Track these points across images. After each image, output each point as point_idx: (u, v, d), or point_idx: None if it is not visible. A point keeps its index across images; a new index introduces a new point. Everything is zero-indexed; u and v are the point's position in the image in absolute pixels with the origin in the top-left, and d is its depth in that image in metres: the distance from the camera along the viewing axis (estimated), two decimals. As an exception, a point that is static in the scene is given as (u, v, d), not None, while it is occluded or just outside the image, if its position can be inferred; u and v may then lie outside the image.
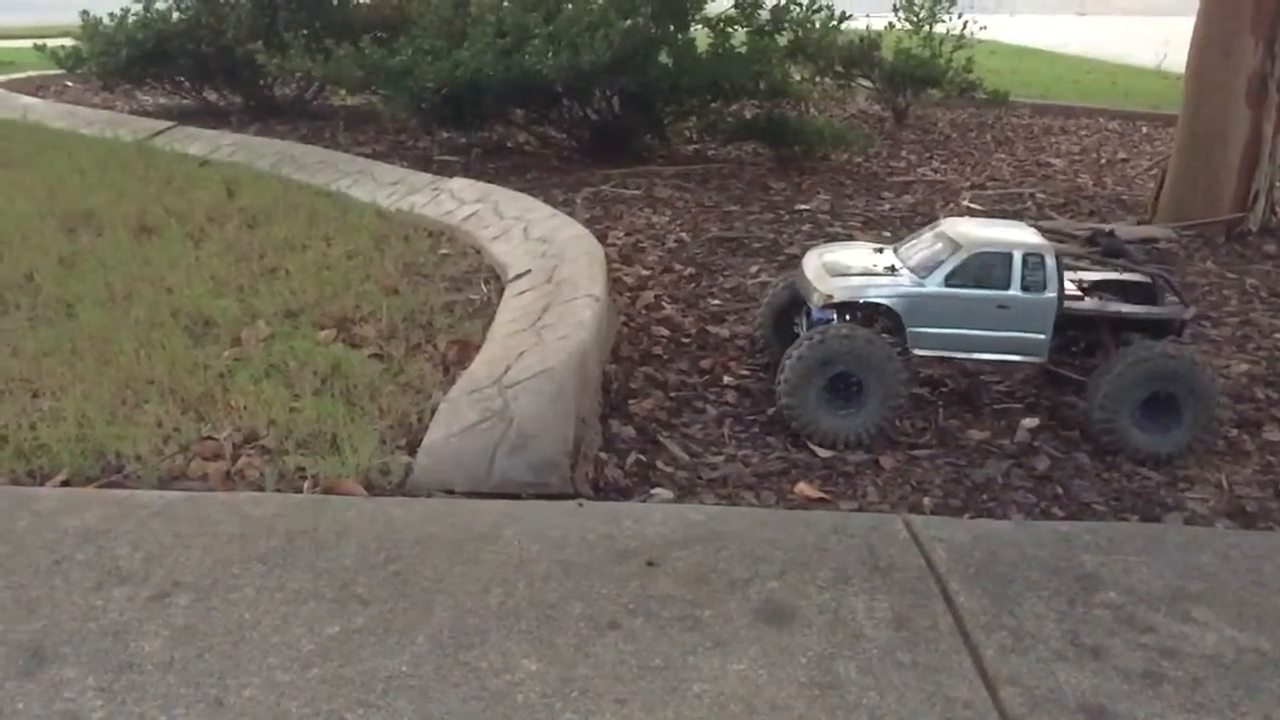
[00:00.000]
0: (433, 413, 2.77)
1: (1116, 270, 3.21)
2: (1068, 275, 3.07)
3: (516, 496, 2.45)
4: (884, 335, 2.93)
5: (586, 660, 1.81)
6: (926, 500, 2.67)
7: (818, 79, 8.00)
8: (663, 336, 3.64)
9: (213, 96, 8.31)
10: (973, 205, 5.79)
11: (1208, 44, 5.22)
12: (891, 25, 9.01)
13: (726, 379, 3.30)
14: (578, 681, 1.76)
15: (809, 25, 6.70)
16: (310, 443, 2.68)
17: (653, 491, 2.63)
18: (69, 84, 9.74)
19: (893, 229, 5.21)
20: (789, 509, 2.57)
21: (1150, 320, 3.01)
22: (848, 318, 2.98)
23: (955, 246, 2.93)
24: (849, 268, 3.05)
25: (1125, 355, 2.89)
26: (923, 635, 1.91)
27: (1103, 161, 7.36)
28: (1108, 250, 3.27)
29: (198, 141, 6.66)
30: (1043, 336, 2.93)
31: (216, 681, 1.73)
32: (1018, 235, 3.00)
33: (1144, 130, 8.79)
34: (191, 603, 1.94)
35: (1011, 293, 2.89)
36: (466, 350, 3.22)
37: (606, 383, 3.18)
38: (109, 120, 7.51)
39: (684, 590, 2.02)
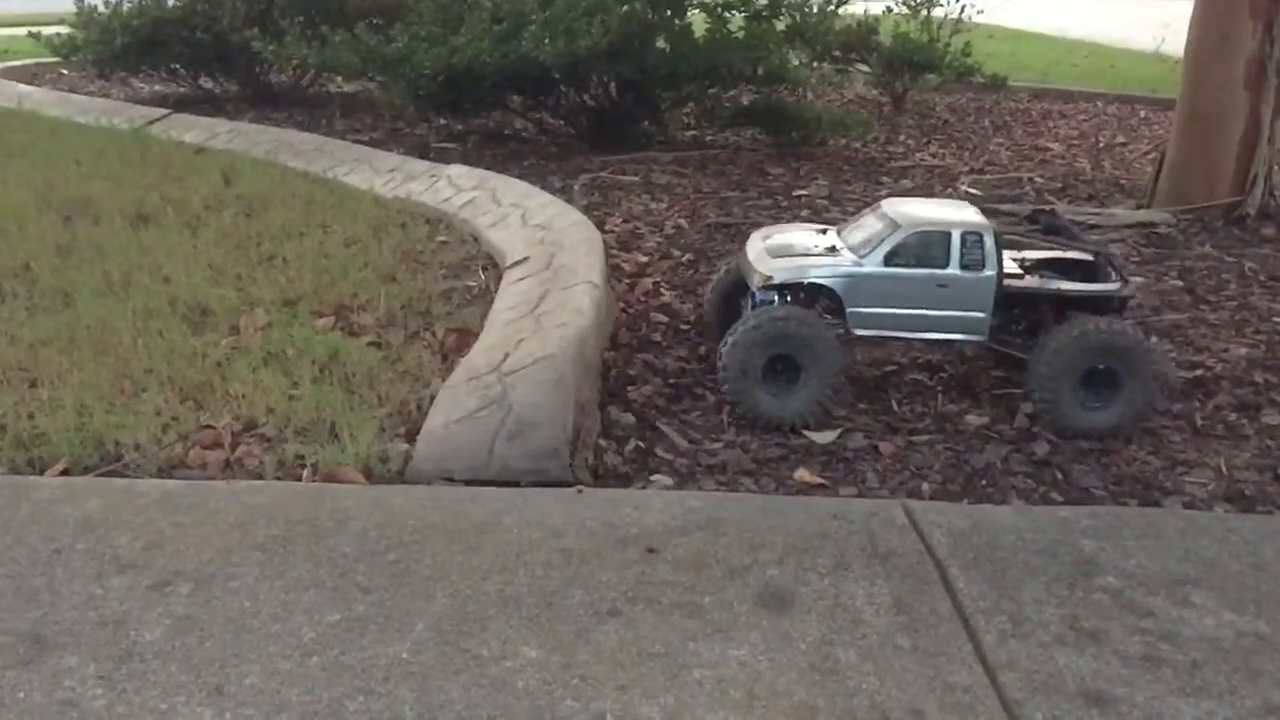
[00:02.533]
0: (432, 400, 2.77)
1: (1058, 248, 3.19)
2: (1012, 253, 3.08)
3: (516, 484, 2.45)
4: (825, 316, 2.93)
5: (587, 647, 1.81)
6: (926, 486, 2.67)
7: (815, 64, 7.97)
8: (661, 323, 3.64)
9: (209, 84, 8.28)
10: (971, 190, 5.78)
11: (1206, 28, 5.21)
12: (889, 9, 8.99)
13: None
14: (578, 668, 1.76)
15: (806, 10, 6.68)
16: (309, 431, 2.68)
17: (652, 478, 2.63)
18: (64, 72, 9.69)
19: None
20: (788, 495, 2.57)
21: (1091, 297, 2.99)
22: (788, 299, 2.98)
23: (894, 226, 2.92)
24: (790, 249, 3.05)
25: (1062, 331, 2.89)
26: (922, 621, 1.92)
27: (1101, 146, 7.35)
28: (1048, 228, 3.26)
29: (194, 129, 6.64)
30: (982, 315, 2.93)
31: (217, 670, 1.73)
32: (957, 214, 2.99)
33: (1142, 114, 8.78)
34: (191, 591, 1.94)
35: (950, 271, 2.89)
36: (465, 338, 3.22)
37: (605, 370, 3.18)
38: (105, 108, 7.48)
39: (684, 577, 2.02)
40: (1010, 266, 3.03)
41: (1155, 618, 1.95)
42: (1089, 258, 3.14)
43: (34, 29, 8.71)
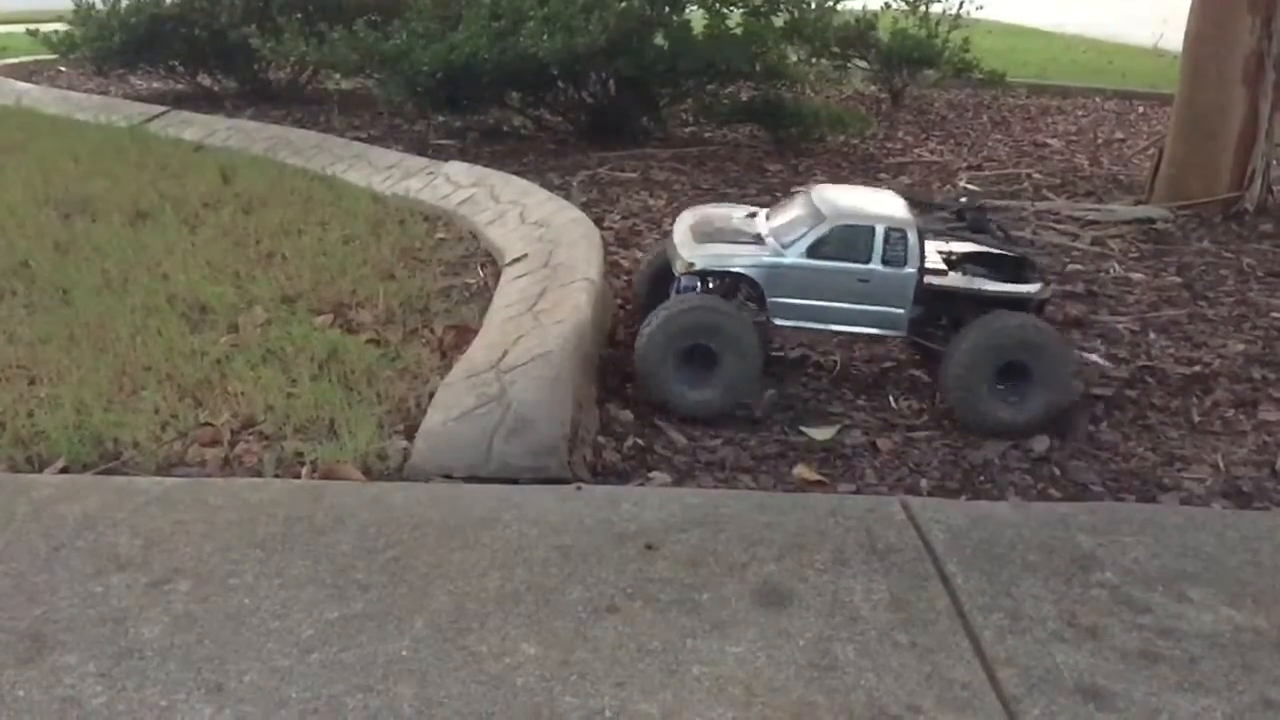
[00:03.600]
0: (430, 398, 2.77)
1: (987, 245, 3.19)
2: (939, 245, 3.10)
3: (514, 481, 2.45)
4: (747, 304, 2.94)
5: (585, 643, 1.82)
6: (924, 482, 2.67)
7: (814, 60, 7.95)
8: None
9: (207, 81, 8.27)
10: (970, 186, 5.78)
11: (1205, 23, 5.21)
12: (888, 5, 8.98)
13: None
14: (576, 665, 1.76)
15: (805, 6, 6.67)
16: (308, 428, 2.68)
17: (651, 475, 2.63)
18: (62, 69, 9.68)
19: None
20: (787, 492, 2.58)
21: (1009, 298, 2.99)
22: (711, 286, 2.98)
23: (819, 218, 2.92)
24: (716, 234, 3.04)
25: (976, 327, 2.89)
26: (920, 617, 1.92)
27: (1099, 141, 7.35)
28: (973, 226, 3.26)
29: (192, 126, 6.63)
30: (901, 311, 2.93)
31: (216, 667, 1.73)
32: (882, 208, 2.99)
33: (1141, 110, 8.78)
34: (191, 589, 1.94)
35: (872, 266, 2.89)
36: (464, 335, 3.22)
37: (604, 367, 3.18)
38: (103, 105, 7.48)
39: (682, 573, 2.03)
40: (936, 260, 3.03)
41: (1153, 614, 1.95)
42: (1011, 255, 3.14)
43: (32, 26, 8.70)
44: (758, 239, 3.00)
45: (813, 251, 2.90)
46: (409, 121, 7.07)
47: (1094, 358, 3.41)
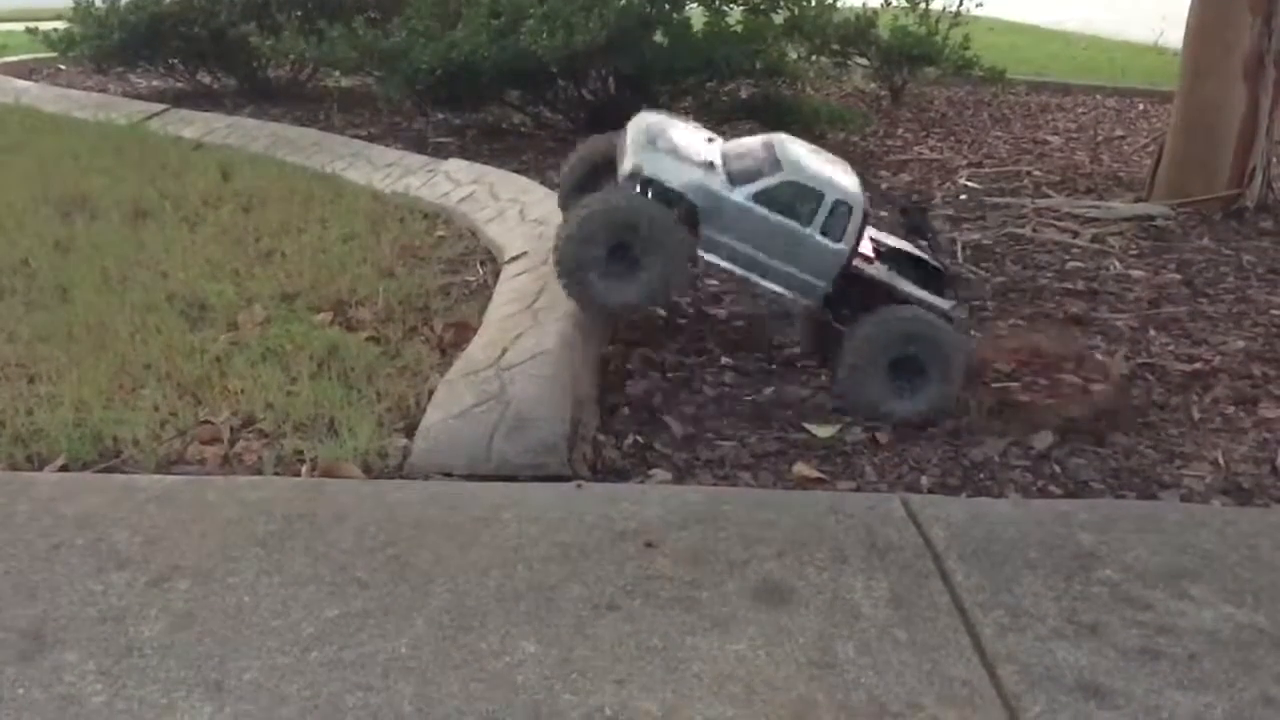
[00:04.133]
0: (430, 396, 2.77)
1: (922, 249, 3.19)
2: (874, 234, 3.10)
3: (514, 479, 2.45)
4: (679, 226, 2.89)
5: (586, 641, 1.82)
6: (924, 479, 2.67)
7: (814, 58, 7.95)
8: (659, 317, 3.63)
9: (206, 79, 8.26)
10: (969, 183, 5.78)
11: (1205, 20, 5.20)
12: (888, 2, 8.96)
13: (724, 359, 3.30)
14: (577, 662, 1.76)
15: (805, 4, 6.67)
16: (308, 426, 2.68)
17: (650, 473, 2.63)
18: (62, 67, 9.66)
19: (890, 208, 5.20)
20: (786, 489, 2.58)
21: (922, 305, 2.98)
22: (648, 195, 2.91)
23: (776, 167, 2.89)
24: (670, 148, 2.98)
25: (871, 319, 2.88)
26: (921, 614, 1.92)
27: (1100, 139, 7.34)
28: (910, 226, 3.25)
29: (192, 124, 6.63)
30: (822, 284, 2.91)
31: (216, 665, 1.73)
32: (837, 178, 2.96)
33: (1141, 107, 8.77)
34: (191, 587, 1.94)
35: (809, 231, 2.87)
36: (463, 333, 3.22)
37: (603, 364, 3.17)
38: (102, 104, 7.47)
39: (682, 571, 2.03)
40: (866, 246, 3.02)
41: (1153, 611, 1.95)
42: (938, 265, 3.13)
43: (31, 24, 8.69)
44: (709, 166, 2.94)
45: (759, 198, 2.86)
46: (408, 119, 7.06)
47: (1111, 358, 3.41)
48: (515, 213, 4.37)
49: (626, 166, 2.93)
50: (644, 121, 3.12)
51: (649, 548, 2.10)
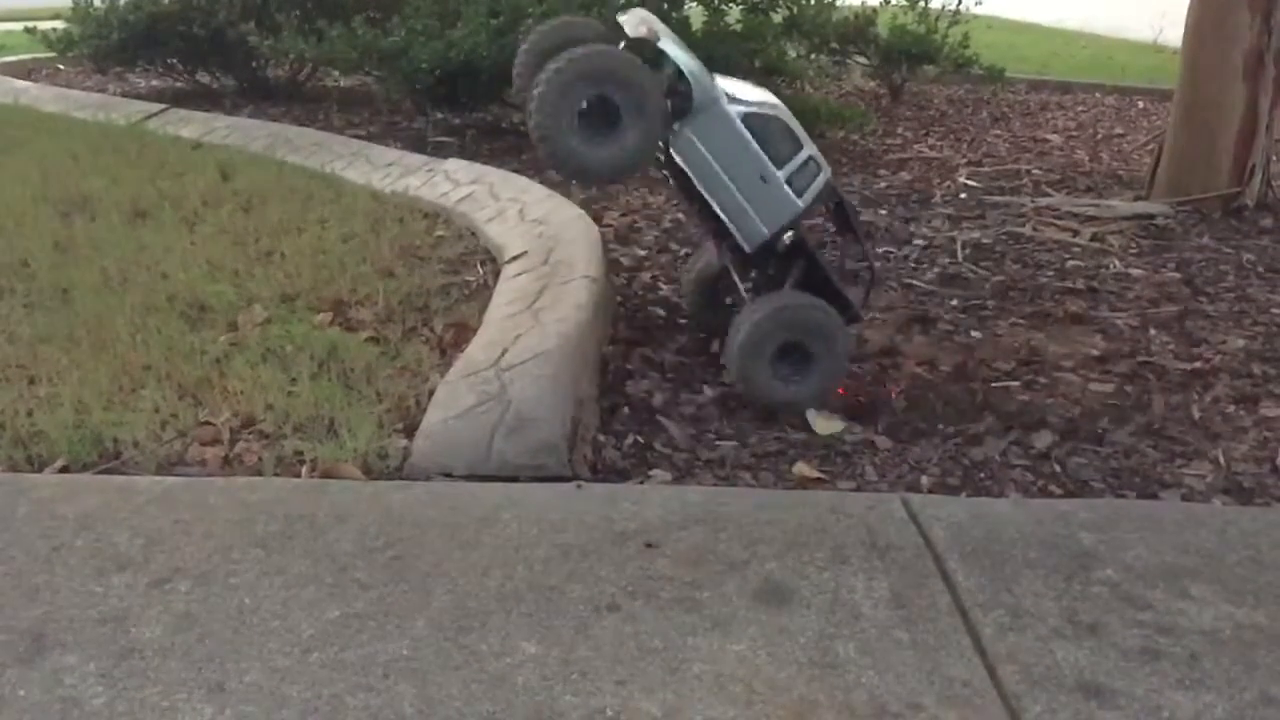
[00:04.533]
0: (430, 396, 2.77)
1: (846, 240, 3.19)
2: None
3: (515, 479, 2.45)
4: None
5: (586, 642, 1.82)
6: (924, 479, 2.67)
7: (813, 56, 7.96)
8: (660, 317, 3.64)
9: (205, 79, 8.26)
10: (969, 181, 5.78)
11: (1204, 18, 5.20)
12: (886, 1, 8.97)
13: (724, 360, 3.30)
14: (577, 663, 1.76)
15: (804, 2, 6.67)
16: (308, 427, 2.68)
17: (651, 473, 2.63)
18: (61, 67, 9.67)
19: (889, 206, 5.20)
20: (787, 489, 2.58)
21: (836, 296, 2.99)
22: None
23: (767, 105, 2.88)
24: (675, 41, 2.89)
25: (758, 304, 2.89)
26: (921, 614, 1.92)
27: (1099, 137, 7.34)
28: (838, 221, 3.23)
29: (191, 124, 6.63)
30: (765, 232, 2.88)
31: (217, 667, 1.73)
32: (810, 143, 2.97)
33: (1141, 105, 8.77)
34: (191, 588, 1.94)
35: (779, 174, 2.84)
36: (463, 333, 3.22)
37: (604, 364, 3.18)
38: (102, 103, 7.47)
39: (683, 571, 2.03)
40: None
41: (1154, 610, 1.95)
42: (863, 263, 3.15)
43: (29, 24, 8.69)
44: (711, 77, 2.90)
45: (747, 119, 2.83)
46: (408, 119, 7.06)
47: None
48: (515, 212, 4.37)
49: (639, 30, 2.81)
50: (643, 16, 2.97)
51: (649, 548, 2.10)
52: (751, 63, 6.31)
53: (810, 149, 2.89)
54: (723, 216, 2.91)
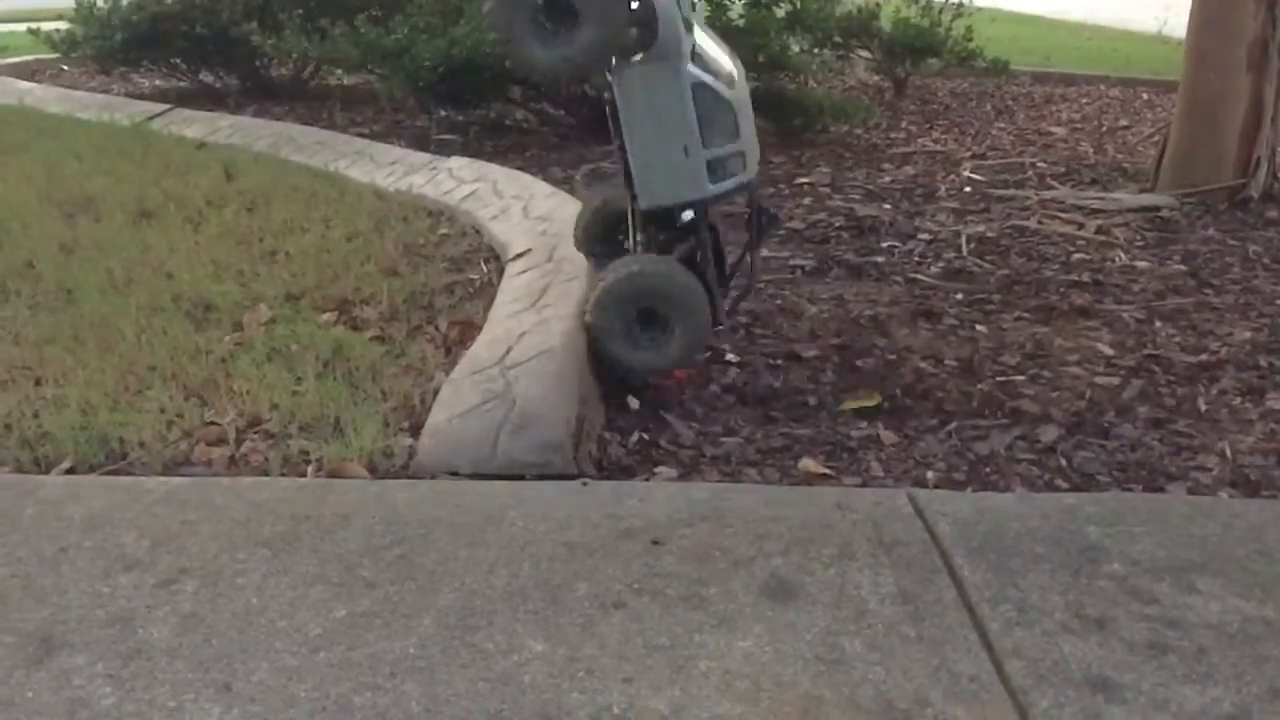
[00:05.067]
0: (435, 394, 2.77)
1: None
2: None
3: (520, 477, 2.45)
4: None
5: (593, 640, 1.82)
6: (930, 474, 2.67)
7: (816, 51, 7.94)
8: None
9: (209, 78, 8.27)
10: (974, 175, 5.76)
11: (1208, 9, 5.18)
12: (890, -5, 8.96)
13: (729, 356, 3.30)
14: (584, 661, 1.76)
15: (807, -3, 6.66)
16: (313, 426, 2.69)
17: (656, 470, 2.63)
18: (65, 68, 9.69)
19: (893, 201, 5.20)
20: (793, 485, 2.58)
21: (723, 279, 3.00)
22: None
23: (729, 81, 2.86)
24: None
25: (614, 269, 2.86)
26: (928, 610, 1.92)
27: (1104, 129, 7.33)
28: (750, 225, 3.21)
29: (195, 124, 6.64)
30: (665, 200, 2.85)
31: (225, 667, 1.74)
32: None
33: (1145, 97, 8.74)
34: (198, 589, 1.94)
35: (705, 154, 2.79)
36: (468, 331, 3.22)
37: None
38: (105, 104, 7.48)
39: (689, 568, 2.03)
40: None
41: (1161, 604, 1.95)
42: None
43: (33, 25, 8.70)
44: (689, 27, 2.84)
45: (697, 90, 2.77)
46: (411, 117, 7.07)
47: None
48: (519, 210, 4.37)
49: None
50: None
51: (655, 545, 2.10)
52: (755, 58, 6.29)
53: (745, 146, 2.85)
54: (631, 165, 2.87)
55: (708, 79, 2.81)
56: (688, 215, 2.92)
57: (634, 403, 2.95)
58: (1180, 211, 5.01)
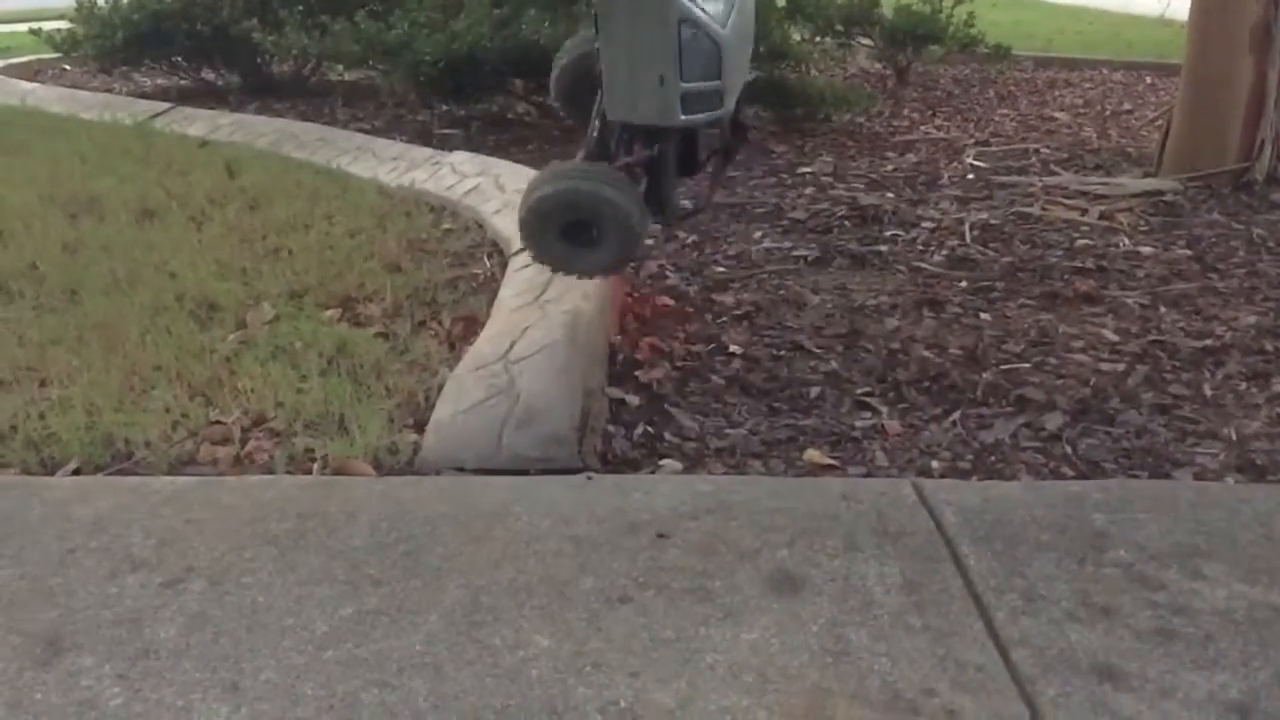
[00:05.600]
0: (439, 390, 2.77)
1: None
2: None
3: (525, 472, 2.45)
4: None
5: (599, 634, 1.82)
6: (935, 464, 2.67)
7: (818, 39, 7.93)
8: (667, 306, 3.63)
9: (210, 76, 8.27)
10: (976, 162, 5.75)
11: (1210, -8, 5.16)
12: (891, -18, 8.92)
13: (732, 347, 3.30)
14: (590, 655, 1.77)
15: (807, -15, 6.65)
16: (318, 424, 2.69)
17: (661, 463, 2.63)
18: (66, 67, 9.69)
19: (896, 189, 5.18)
20: (797, 477, 2.58)
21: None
22: None
23: (720, 23, 2.75)
24: None
25: (558, 175, 2.84)
26: (933, 600, 1.92)
27: (1107, 114, 7.30)
28: (717, 156, 3.17)
29: (196, 122, 6.64)
30: (630, 118, 2.80)
31: (232, 666, 1.74)
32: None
33: (1148, 81, 8.71)
34: (205, 588, 1.95)
35: (681, 86, 2.70)
36: (471, 326, 3.22)
37: (612, 354, 3.17)
38: (107, 103, 7.49)
39: (694, 561, 2.03)
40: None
41: (1167, 591, 1.95)
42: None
43: (35, 25, 8.71)
44: None
45: (683, 25, 2.66)
46: (413, 112, 7.06)
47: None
48: (521, 204, 4.36)
49: None
50: None
51: (661, 539, 2.10)
52: (757, 47, 6.27)
53: (726, 83, 2.77)
54: (604, 75, 2.81)
55: (698, 13, 2.71)
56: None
57: (633, 399, 2.96)
58: (1184, 196, 4.99)
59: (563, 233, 2.82)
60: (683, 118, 2.77)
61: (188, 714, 1.64)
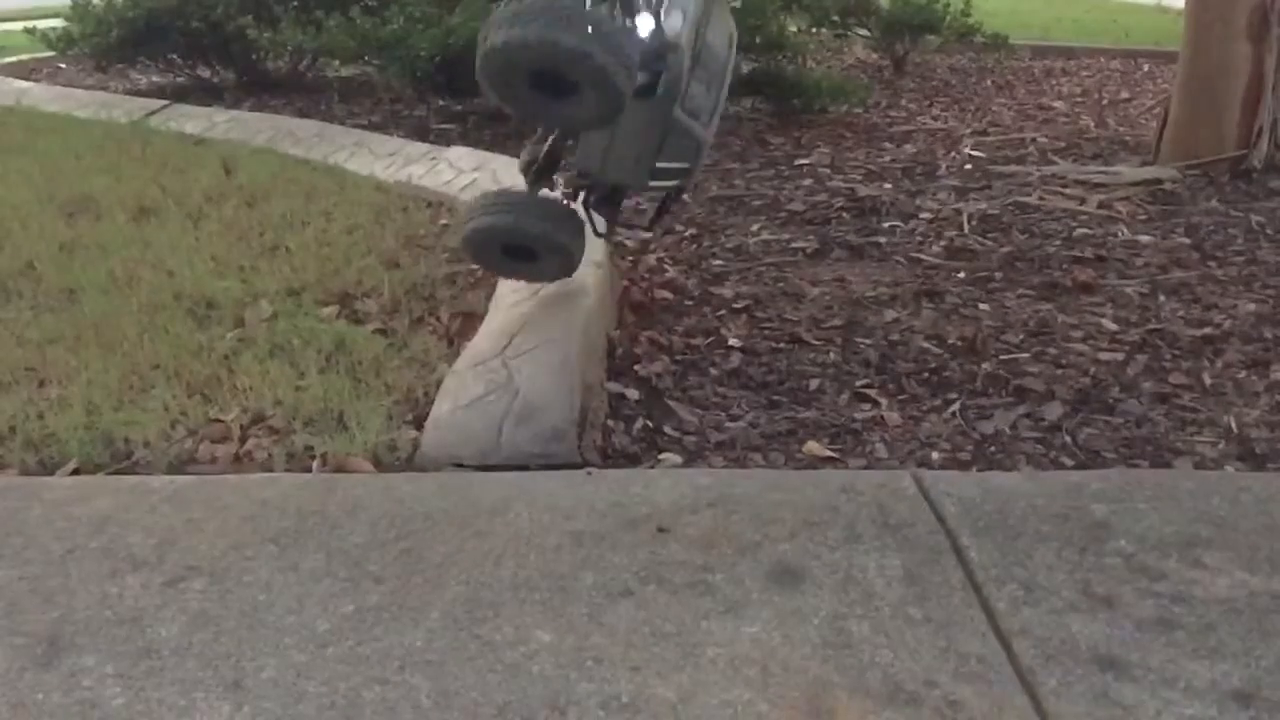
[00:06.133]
0: (438, 386, 2.77)
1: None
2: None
3: (525, 467, 2.45)
4: None
5: (600, 629, 1.82)
6: (935, 455, 2.67)
7: (814, 30, 7.92)
8: (666, 299, 3.63)
9: (206, 73, 8.24)
10: (974, 152, 5.74)
11: (1207, -21, 5.16)
12: (887, -28, 8.91)
13: (731, 340, 3.29)
14: (592, 650, 1.77)
15: (803, -24, 6.64)
16: (317, 421, 2.69)
17: (661, 457, 2.63)
18: (62, 66, 9.66)
19: (894, 180, 5.18)
20: (798, 469, 2.58)
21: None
22: None
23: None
24: None
25: (488, 207, 3.01)
26: (934, 591, 1.92)
27: (1105, 102, 7.29)
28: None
29: (192, 120, 6.62)
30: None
31: (234, 664, 1.74)
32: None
33: (1146, 68, 8.70)
34: (206, 587, 1.95)
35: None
36: (470, 322, 3.22)
37: (611, 349, 3.17)
38: (103, 102, 7.46)
39: (695, 555, 2.03)
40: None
41: (1168, 580, 1.95)
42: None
43: (29, 24, 8.69)
44: None
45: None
46: (409, 107, 7.04)
47: None
48: (518, 198, 4.35)
49: None
50: None
51: (661, 533, 2.10)
52: (753, 39, 6.27)
53: (695, 167, 2.88)
54: (582, 134, 2.88)
55: (686, 122, 2.76)
56: None
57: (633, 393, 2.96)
58: (1182, 184, 4.99)
59: (504, 252, 3.00)
60: (649, 183, 2.90)
61: (190, 713, 1.64)
